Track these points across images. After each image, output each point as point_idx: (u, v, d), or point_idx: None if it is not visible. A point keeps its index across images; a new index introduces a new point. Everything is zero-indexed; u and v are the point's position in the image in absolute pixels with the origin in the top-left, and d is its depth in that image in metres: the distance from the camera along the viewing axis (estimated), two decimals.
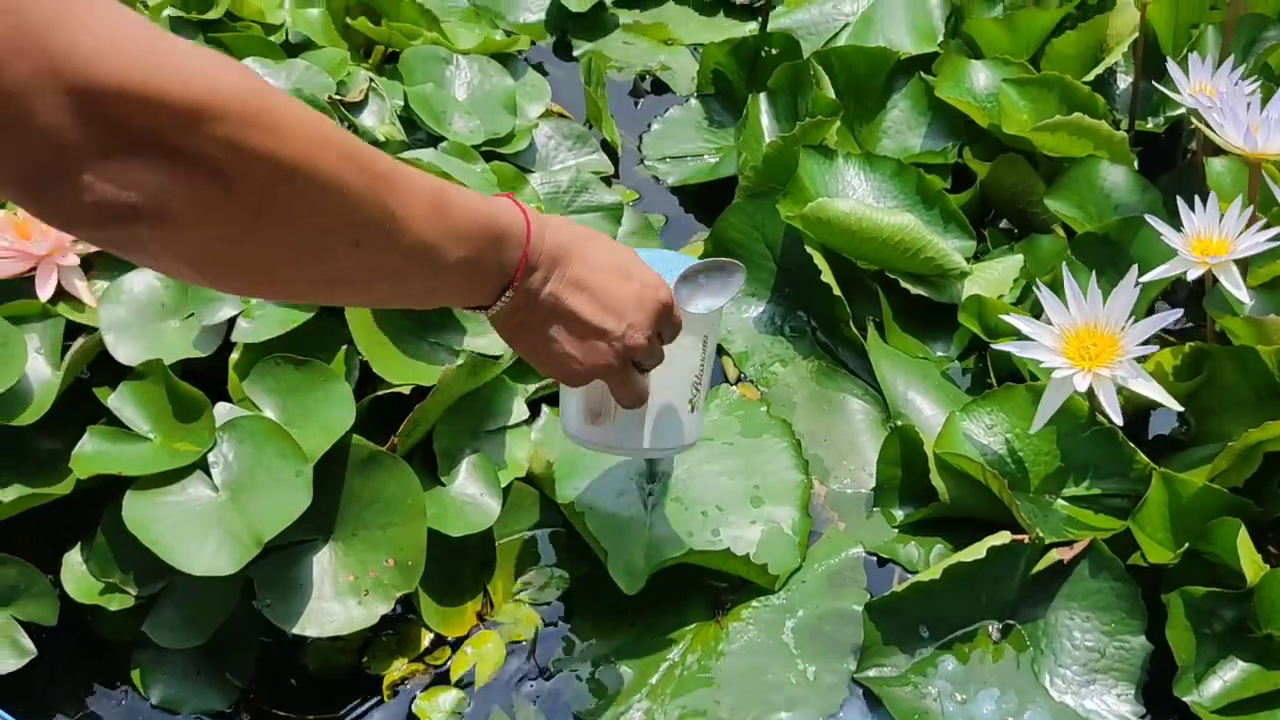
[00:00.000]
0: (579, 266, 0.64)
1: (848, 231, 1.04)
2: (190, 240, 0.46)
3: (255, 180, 0.45)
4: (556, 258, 0.63)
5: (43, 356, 0.90)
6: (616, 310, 0.66)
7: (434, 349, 0.95)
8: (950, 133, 1.23)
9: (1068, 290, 0.86)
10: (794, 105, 1.22)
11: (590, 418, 0.77)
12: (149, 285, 0.93)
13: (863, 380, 1.05)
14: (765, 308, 1.12)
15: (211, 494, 0.82)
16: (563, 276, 0.63)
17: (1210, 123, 0.93)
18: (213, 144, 0.43)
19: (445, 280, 0.58)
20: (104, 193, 0.42)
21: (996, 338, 1.02)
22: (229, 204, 0.45)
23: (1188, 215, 0.88)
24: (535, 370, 0.69)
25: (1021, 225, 1.17)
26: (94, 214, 0.43)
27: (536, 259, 0.62)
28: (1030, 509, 0.89)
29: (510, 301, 0.62)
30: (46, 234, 0.92)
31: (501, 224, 0.59)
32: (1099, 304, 0.85)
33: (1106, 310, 0.85)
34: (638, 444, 0.78)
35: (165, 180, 0.43)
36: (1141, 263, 1.00)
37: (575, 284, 0.64)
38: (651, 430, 0.78)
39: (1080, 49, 1.22)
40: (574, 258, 0.64)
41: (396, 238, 0.52)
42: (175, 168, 0.43)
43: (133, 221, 0.44)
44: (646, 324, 0.67)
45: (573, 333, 0.65)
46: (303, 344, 0.91)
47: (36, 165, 0.41)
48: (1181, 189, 1.11)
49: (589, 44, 1.47)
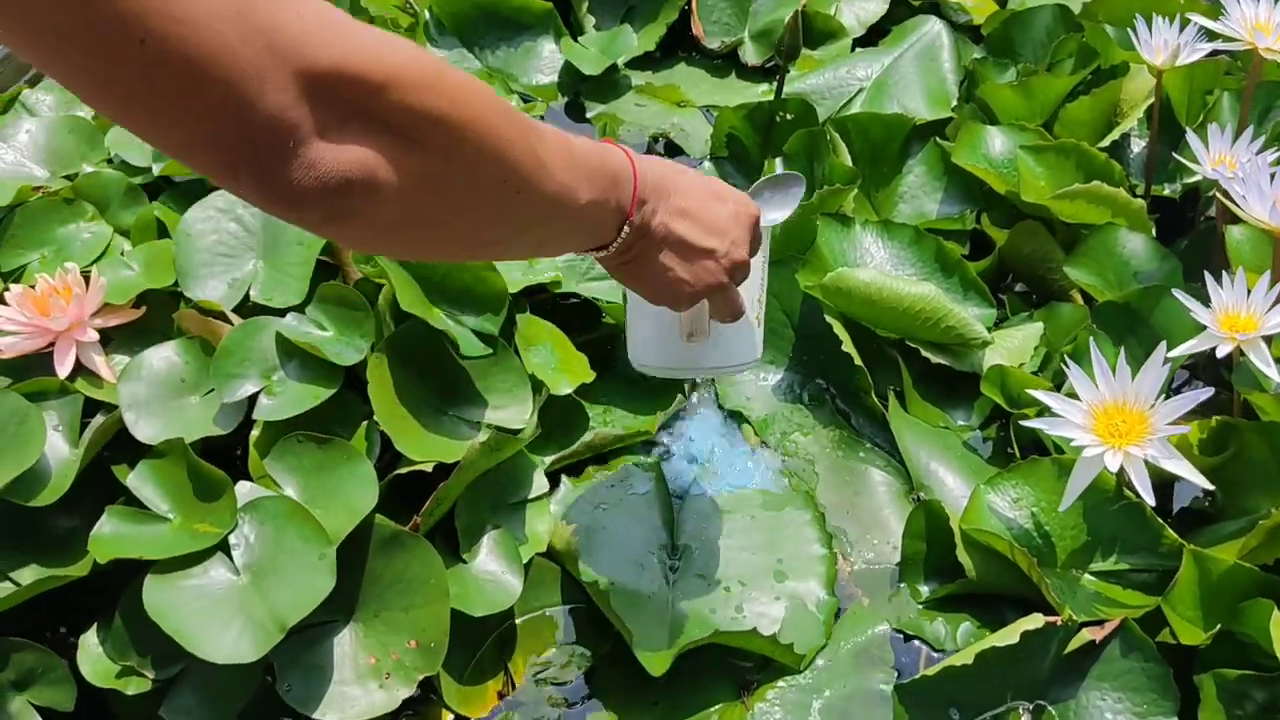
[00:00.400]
0: (678, 196, 0.70)
1: (868, 301, 1.04)
2: (393, 207, 0.50)
3: (440, 140, 0.50)
4: (660, 189, 0.69)
5: (61, 435, 0.89)
6: (719, 230, 0.72)
7: (455, 423, 0.95)
8: (966, 198, 1.23)
9: (1095, 366, 0.85)
10: (810, 170, 1.22)
11: (686, 337, 0.82)
12: (169, 361, 0.92)
13: (884, 451, 1.05)
14: (784, 375, 1.11)
15: (233, 577, 0.81)
16: (668, 207, 0.69)
17: (1233, 195, 0.93)
18: (404, 112, 0.48)
19: (580, 221, 0.64)
20: (326, 167, 0.46)
21: (1019, 407, 1.01)
22: (423, 165, 0.50)
23: (1215, 290, 0.88)
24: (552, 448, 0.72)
25: (1040, 291, 1.17)
26: (317, 189, 0.47)
27: (645, 193, 0.67)
28: (1058, 585, 0.88)
29: (627, 237, 0.67)
30: (65, 310, 0.92)
31: (613, 164, 0.65)
32: (1128, 380, 0.84)
33: (1135, 387, 0.84)
34: (718, 361, 0.84)
35: (371, 150, 0.48)
36: (1163, 332, 1.01)
37: (679, 212, 0.70)
38: (729, 347, 0.84)
39: (1094, 114, 1.23)
40: (673, 188, 0.70)
41: (544, 183, 0.58)
42: (378, 137, 0.48)
43: (349, 194, 0.48)
44: (745, 239, 0.74)
45: (683, 257, 0.71)
46: (324, 420, 0.91)
47: (264, 146, 0.45)
48: (1200, 256, 1.11)
49: (602, 105, 1.47)
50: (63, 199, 1.05)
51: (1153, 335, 1.01)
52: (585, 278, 1.13)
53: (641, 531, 0.97)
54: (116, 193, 1.06)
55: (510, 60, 1.50)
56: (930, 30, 1.38)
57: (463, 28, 1.50)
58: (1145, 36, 1.10)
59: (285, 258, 0.99)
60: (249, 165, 0.45)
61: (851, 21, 1.53)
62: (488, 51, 1.50)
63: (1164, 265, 1.08)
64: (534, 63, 1.50)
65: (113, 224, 1.06)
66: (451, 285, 0.96)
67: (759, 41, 1.51)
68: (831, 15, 1.52)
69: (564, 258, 1.13)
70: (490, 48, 1.50)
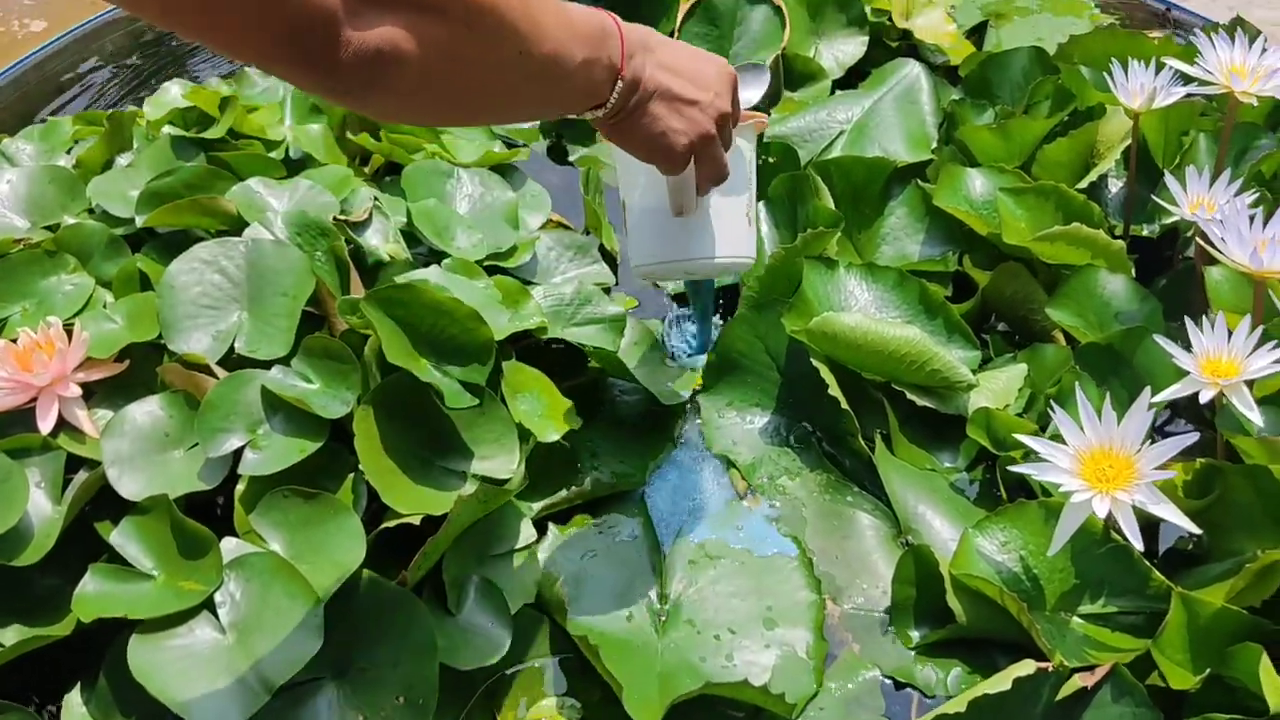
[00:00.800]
0: (662, 52, 0.77)
1: (853, 345, 1.04)
2: (421, 76, 0.58)
3: (459, 9, 0.58)
4: (645, 45, 0.75)
5: (44, 492, 0.88)
6: (704, 82, 0.79)
7: (442, 474, 0.94)
8: (948, 238, 1.24)
9: (1080, 411, 0.86)
10: (793, 213, 1.23)
11: (676, 211, 0.90)
12: (152, 415, 0.91)
13: (872, 495, 1.05)
14: (770, 418, 1.11)
15: (218, 636, 0.81)
16: (654, 61, 0.76)
17: (1211, 238, 0.94)
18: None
19: (574, 80, 0.70)
20: (360, 44, 0.54)
21: (1005, 450, 1.02)
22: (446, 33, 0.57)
23: (1196, 335, 0.88)
24: (539, 496, 0.82)
25: (1023, 331, 1.17)
26: (353, 65, 0.54)
27: (633, 48, 0.74)
28: (1048, 629, 0.88)
29: (621, 92, 0.73)
30: (47, 365, 0.91)
31: (598, 23, 0.71)
32: (1113, 425, 0.85)
33: (1121, 432, 0.85)
34: (710, 252, 0.92)
35: (397, 26, 0.55)
36: (1145, 373, 1.02)
37: (666, 66, 0.77)
38: (723, 235, 0.92)
39: (1072, 155, 1.24)
40: (657, 45, 0.77)
41: (542, 44, 0.65)
42: (403, 13, 0.55)
43: (382, 67, 0.55)
44: (727, 91, 0.81)
45: (672, 108, 0.77)
46: (311, 472, 0.90)
47: (303, 29, 0.52)
48: (1180, 295, 1.12)
49: (584, 149, 1.48)
50: (44, 251, 1.04)
51: (1136, 376, 1.02)
52: (571, 323, 1.13)
53: (630, 580, 0.96)
54: (98, 244, 1.06)
55: None
56: (909, 73, 1.40)
57: None
58: (1121, 80, 1.11)
59: (270, 309, 0.99)
60: (293, 48, 0.52)
61: (830, 63, 1.54)
62: None
63: (1144, 306, 1.09)
64: None
65: (95, 275, 1.05)
66: (438, 335, 0.96)
67: None
68: (810, 57, 1.53)
69: (549, 302, 1.13)
70: None
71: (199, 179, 1.08)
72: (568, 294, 1.14)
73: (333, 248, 1.03)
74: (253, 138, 1.19)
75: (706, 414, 1.12)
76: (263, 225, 1.04)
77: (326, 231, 1.04)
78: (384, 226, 1.10)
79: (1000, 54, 1.40)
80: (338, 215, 1.07)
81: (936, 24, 1.59)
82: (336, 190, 1.10)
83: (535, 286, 1.15)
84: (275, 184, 1.10)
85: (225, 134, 1.17)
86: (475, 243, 1.15)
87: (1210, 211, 1.01)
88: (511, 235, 1.19)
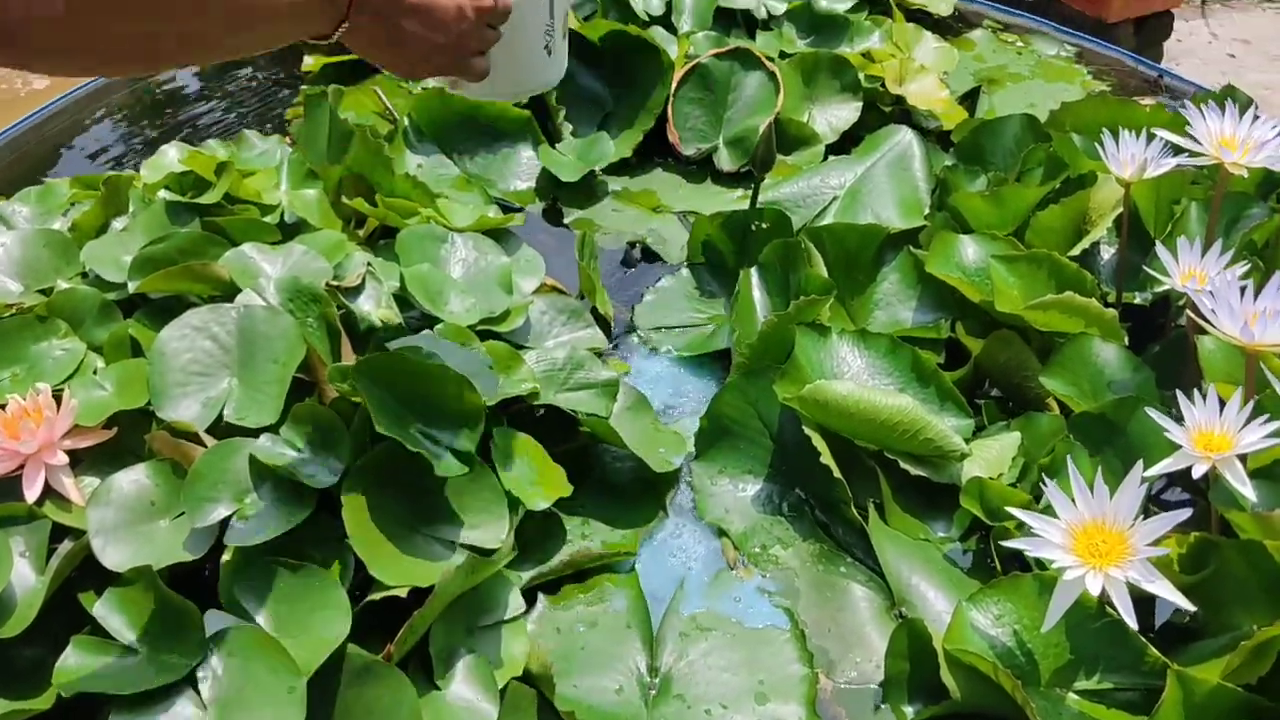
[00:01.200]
0: None
1: (845, 413, 1.04)
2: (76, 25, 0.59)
3: None
4: None
5: (28, 561, 0.87)
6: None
7: (430, 543, 0.93)
8: (940, 304, 1.24)
9: (1073, 484, 0.85)
10: (785, 279, 1.23)
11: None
12: (139, 484, 0.91)
13: (865, 565, 1.04)
14: (763, 486, 1.11)
15: (199, 712, 0.79)
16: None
17: (1203, 310, 0.94)
18: None
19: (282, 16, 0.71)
20: None
21: (999, 520, 1.01)
22: None
23: (1188, 408, 0.88)
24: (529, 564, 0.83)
25: (1016, 398, 1.17)
26: None
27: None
28: (1043, 707, 0.87)
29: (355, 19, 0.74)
30: (35, 433, 0.91)
31: None
32: (1106, 499, 0.84)
33: (1114, 506, 0.84)
34: (510, 88, 0.98)
35: None
36: (1139, 442, 1.01)
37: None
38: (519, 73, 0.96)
39: (1064, 222, 1.25)
40: None
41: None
42: None
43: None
44: None
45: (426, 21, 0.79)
46: (297, 542, 0.89)
47: None
48: (1173, 363, 1.12)
49: (580, 211, 1.48)
50: (36, 316, 1.04)
51: (1129, 446, 1.02)
52: (563, 388, 1.12)
53: (620, 652, 0.95)
54: (90, 309, 1.06)
55: (489, 166, 1.51)
56: (902, 140, 1.41)
57: (442, 134, 1.51)
58: (1112, 150, 1.12)
59: (260, 375, 0.99)
60: None
61: (824, 128, 1.56)
62: (466, 158, 1.51)
63: (1137, 375, 1.09)
64: (512, 169, 1.52)
65: (86, 340, 1.05)
66: (427, 402, 0.96)
67: (733, 148, 1.54)
68: (804, 122, 1.55)
69: (542, 367, 1.13)
70: (469, 154, 1.52)
71: (193, 245, 1.09)
72: (560, 359, 1.14)
73: (325, 314, 1.03)
74: (248, 202, 1.20)
75: (699, 481, 1.11)
76: (255, 291, 1.04)
77: (319, 297, 1.04)
78: (377, 291, 1.10)
79: (993, 121, 1.42)
80: (330, 281, 1.07)
81: (929, 90, 1.61)
82: (330, 255, 1.11)
83: (528, 351, 1.15)
84: (269, 249, 1.10)
85: (221, 198, 1.17)
86: (468, 307, 1.15)
87: (1202, 283, 1.01)
88: (505, 300, 1.19)
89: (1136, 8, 3.10)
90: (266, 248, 1.10)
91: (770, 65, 1.56)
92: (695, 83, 1.57)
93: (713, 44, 1.63)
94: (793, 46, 1.69)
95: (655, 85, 1.56)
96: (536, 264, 1.28)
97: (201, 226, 1.14)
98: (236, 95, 1.73)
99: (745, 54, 1.58)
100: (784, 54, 1.66)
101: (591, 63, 1.62)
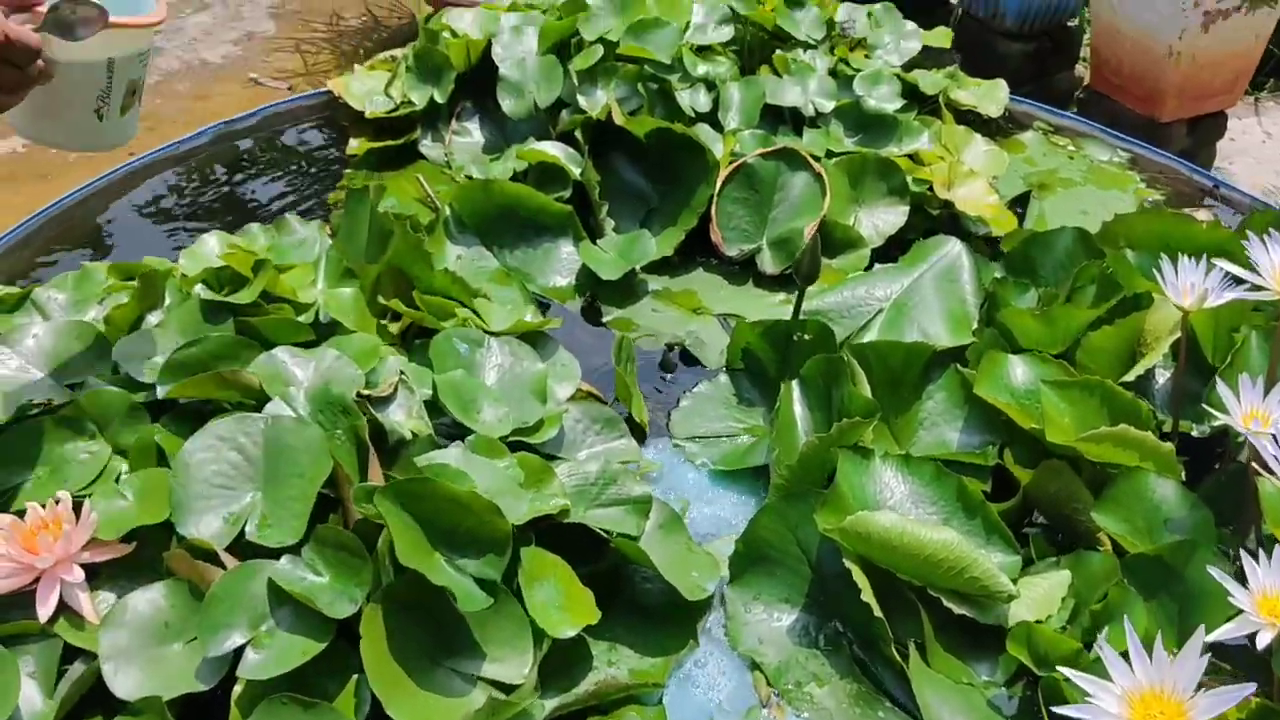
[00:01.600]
0: None
1: (888, 546, 1.00)
2: None
3: None
4: None
5: (36, 683, 0.85)
6: None
7: (449, 676, 0.90)
8: (987, 426, 1.19)
9: (1131, 649, 0.80)
10: (827, 395, 1.19)
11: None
12: (154, 605, 0.89)
13: (904, 710, 0.99)
14: (799, 616, 1.06)
15: None
16: None
17: (1264, 456, 0.90)
18: None
19: None
20: None
21: (1047, 667, 0.96)
22: None
23: (1252, 569, 0.83)
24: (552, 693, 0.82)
25: (1065, 530, 1.12)
26: None
27: None
28: None
29: None
30: (52, 547, 0.88)
31: None
32: (1165, 665, 0.79)
33: (1173, 674, 0.79)
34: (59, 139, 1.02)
35: None
36: (1196, 590, 0.96)
37: None
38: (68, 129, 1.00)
39: (1118, 343, 1.20)
40: None
41: None
42: None
43: None
44: None
45: None
46: (313, 672, 0.86)
47: None
48: (1232, 502, 1.07)
49: (619, 310, 1.46)
50: (64, 418, 1.03)
51: (1186, 594, 0.97)
52: (595, 503, 1.09)
53: None
54: (119, 412, 1.04)
55: (529, 260, 1.50)
56: (950, 251, 1.37)
57: (482, 226, 1.50)
58: (1171, 278, 1.08)
59: (285, 490, 0.96)
60: None
61: (870, 232, 1.53)
62: (506, 251, 1.50)
63: (1195, 514, 1.03)
64: (552, 264, 1.50)
65: (112, 443, 1.03)
66: (454, 528, 0.93)
67: (777, 250, 1.51)
68: (850, 225, 1.52)
69: (573, 481, 1.10)
70: (509, 247, 1.50)
71: (225, 349, 1.07)
72: (593, 472, 1.10)
73: (354, 427, 1.01)
74: (284, 300, 1.18)
75: (733, 608, 1.07)
76: (284, 400, 1.02)
77: (348, 410, 1.01)
78: (408, 402, 1.08)
79: (1044, 233, 1.38)
80: (362, 390, 1.05)
81: (979, 194, 1.58)
82: (363, 362, 1.08)
83: (560, 462, 1.12)
84: (301, 353, 1.08)
85: (257, 297, 1.16)
86: (501, 417, 1.12)
87: (1265, 425, 0.97)
88: (539, 409, 1.16)
89: (1190, 108, 3.06)
90: (299, 351, 1.08)
91: (817, 166, 1.54)
92: (740, 182, 1.55)
93: (759, 142, 1.61)
94: (840, 146, 1.66)
95: (700, 183, 1.54)
96: (572, 369, 1.26)
97: (235, 327, 1.12)
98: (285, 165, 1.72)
99: (791, 154, 1.56)
100: (831, 153, 1.63)
101: (636, 158, 1.60)
